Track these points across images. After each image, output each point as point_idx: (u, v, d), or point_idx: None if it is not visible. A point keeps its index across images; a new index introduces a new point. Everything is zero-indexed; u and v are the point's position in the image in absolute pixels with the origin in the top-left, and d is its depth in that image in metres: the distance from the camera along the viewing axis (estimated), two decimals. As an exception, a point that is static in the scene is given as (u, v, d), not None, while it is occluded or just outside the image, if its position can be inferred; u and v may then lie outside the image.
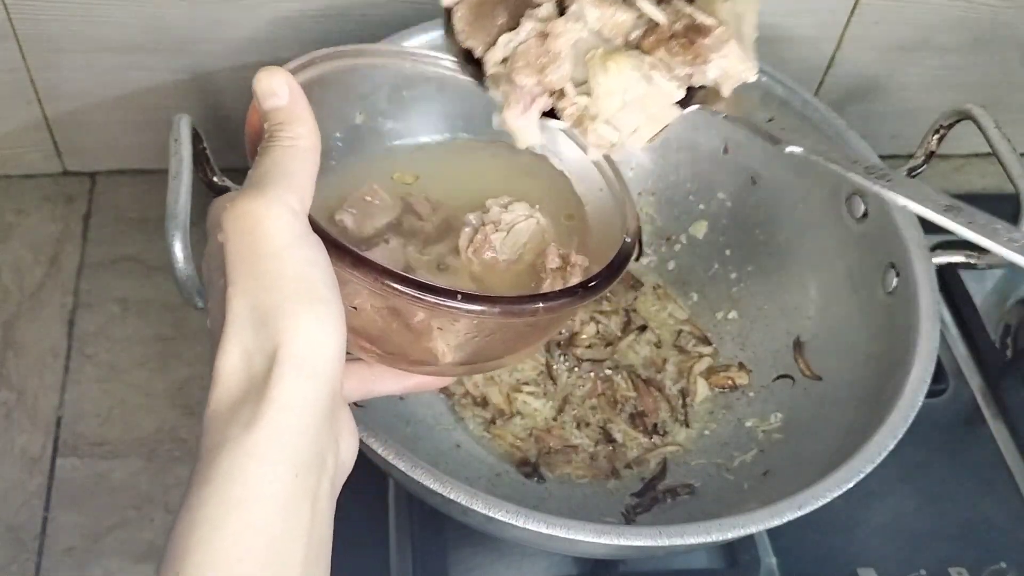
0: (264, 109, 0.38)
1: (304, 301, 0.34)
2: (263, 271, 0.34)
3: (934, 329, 0.58)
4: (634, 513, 0.61)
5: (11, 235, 0.77)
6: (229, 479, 0.32)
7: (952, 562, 0.65)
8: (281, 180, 0.36)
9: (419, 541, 0.62)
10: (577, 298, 0.40)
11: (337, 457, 0.37)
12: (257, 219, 0.35)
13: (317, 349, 0.34)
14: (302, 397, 0.34)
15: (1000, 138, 0.60)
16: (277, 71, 0.38)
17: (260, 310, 0.34)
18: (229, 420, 0.34)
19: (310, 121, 0.38)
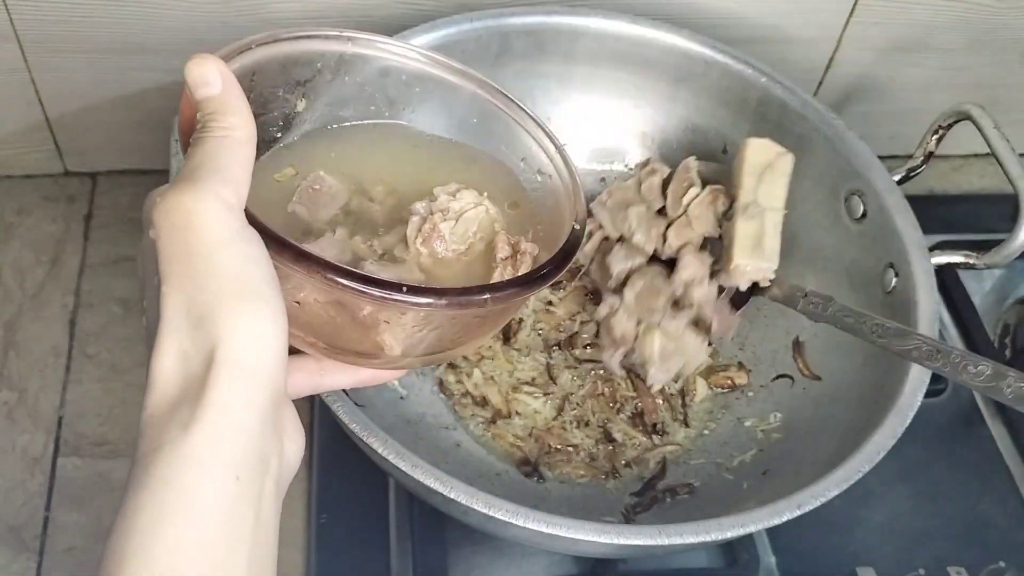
0: (196, 99, 0.37)
1: (241, 299, 0.33)
2: (197, 269, 0.33)
3: (933, 329, 0.58)
4: (634, 512, 0.61)
5: (12, 235, 0.77)
6: (166, 485, 0.31)
7: (951, 561, 0.65)
8: (214, 173, 0.34)
9: (419, 541, 0.62)
10: (526, 287, 0.40)
11: (282, 458, 0.35)
12: (189, 214, 0.33)
13: (256, 348, 0.33)
14: (242, 398, 0.33)
15: (999, 138, 0.61)
16: (209, 59, 0.37)
17: (196, 309, 0.33)
18: (166, 423, 0.32)
19: (244, 111, 0.37)
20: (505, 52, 0.67)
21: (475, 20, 0.65)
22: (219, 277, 0.33)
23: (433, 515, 0.59)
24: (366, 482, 0.64)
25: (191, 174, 0.34)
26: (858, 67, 0.80)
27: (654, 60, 0.69)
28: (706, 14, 0.73)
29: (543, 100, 0.71)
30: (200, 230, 0.33)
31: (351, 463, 0.62)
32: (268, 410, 0.33)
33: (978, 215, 0.83)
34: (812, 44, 0.78)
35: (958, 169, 0.89)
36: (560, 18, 0.67)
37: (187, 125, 0.37)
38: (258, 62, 0.42)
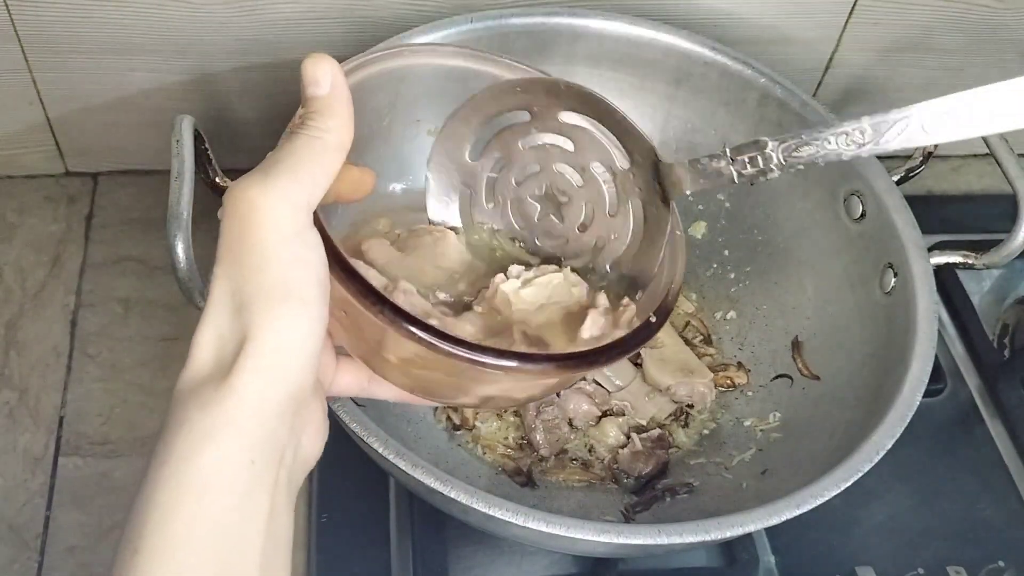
0: (304, 96, 0.37)
1: (281, 300, 0.34)
2: (246, 261, 0.34)
3: (932, 329, 0.58)
4: (633, 512, 0.61)
5: (13, 235, 0.77)
6: (185, 461, 0.32)
7: (950, 561, 0.65)
8: (290, 171, 0.35)
9: (419, 540, 0.62)
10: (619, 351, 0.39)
11: (297, 453, 0.36)
12: (252, 207, 0.34)
13: (283, 350, 0.34)
14: (259, 393, 0.33)
15: (998, 139, 0.61)
16: (324, 60, 0.37)
17: (238, 297, 0.34)
18: (191, 399, 0.33)
19: (344, 117, 0.37)
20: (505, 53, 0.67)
21: (475, 21, 0.65)
22: (265, 273, 0.34)
23: (433, 515, 0.59)
24: (366, 482, 0.64)
25: (269, 167, 0.35)
26: (857, 67, 0.80)
27: (654, 60, 0.69)
28: (706, 14, 0.73)
29: (543, 100, 0.71)
30: (258, 224, 0.34)
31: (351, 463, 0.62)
32: (285, 409, 0.34)
33: (977, 215, 0.83)
34: (811, 44, 0.78)
35: (957, 169, 0.89)
36: (560, 19, 0.67)
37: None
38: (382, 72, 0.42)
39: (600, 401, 0.65)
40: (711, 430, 0.66)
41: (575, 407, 0.65)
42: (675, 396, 0.67)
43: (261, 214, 0.34)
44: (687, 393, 0.66)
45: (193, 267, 0.49)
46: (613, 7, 0.68)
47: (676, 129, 0.72)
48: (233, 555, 0.32)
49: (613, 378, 0.66)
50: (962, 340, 0.76)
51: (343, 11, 0.69)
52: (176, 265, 0.49)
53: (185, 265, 0.49)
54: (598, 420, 0.65)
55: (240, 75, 0.73)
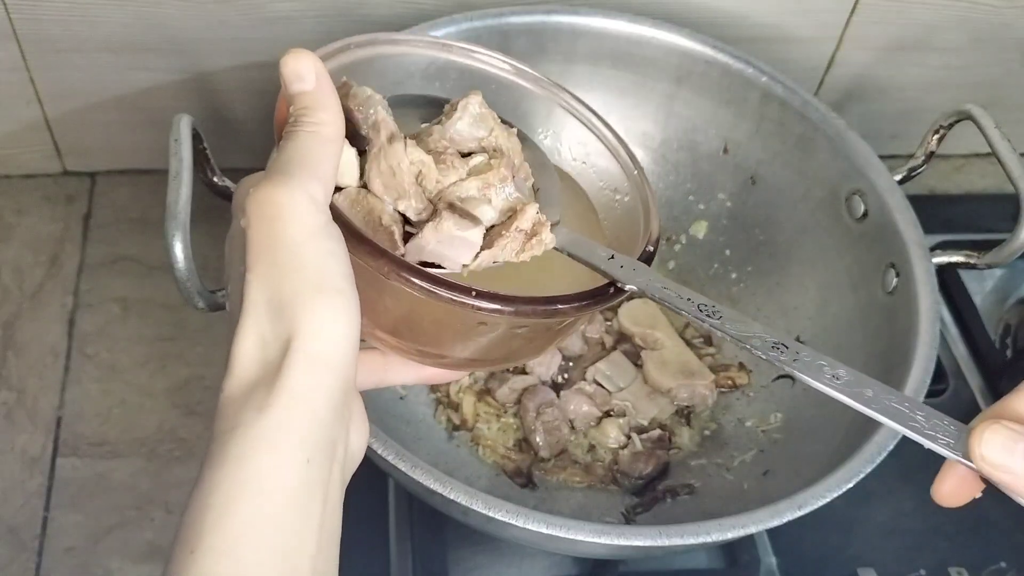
0: (290, 93, 0.37)
1: (320, 292, 0.34)
2: (282, 261, 0.34)
3: (934, 329, 0.58)
4: (634, 513, 0.61)
5: (11, 235, 0.77)
6: (240, 463, 0.33)
7: (952, 562, 0.65)
8: (305, 168, 0.35)
9: (419, 541, 0.62)
10: (599, 301, 0.39)
11: (347, 446, 0.37)
12: (279, 207, 0.34)
13: (331, 340, 0.34)
14: (314, 386, 0.34)
15: (1000, 138, 0.60)
16: (304, 54, 0.38)
17: (277, 299, 0.34)
18: (242, 405, 0.34)
19: (335, 108, 0.37)
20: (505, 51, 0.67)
21: (475, 19, 0.65)
22: (302, 270, 0.34)
23: (433, 515, 0.59)
24: (365, 483, 0.64)
25: (283, 168, 0.35)
26: (859, 67, 0.80)
27: (654, 59, 0.69)
28: (706, 14, 0.73)
29: (543, 99, 0.71)
30: (288, 223, 0.34)
31: (351, 463, 0.62)
32: (338, 400, 0.34)
33: (979, 215, 0.83)
34: (813, 43, 0.77)
35: (959, 169, 0.89)
36: (560, 17, 0.67)
37: (282, 119, 0.38)
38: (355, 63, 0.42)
39: (600, 402, 0.65)
40: (712, 431, 0.66)
41: (575, 408, 0.64)
42: (676, 398, 0.66)
43: (289, 213, 0.34)
44: (688, 395, 0.66)
45: (191, 267, 0.49)
46: (614, 5, 0.68)
47: (677, 128, 0.72)
48: (290, 552, 0.33)
49: (614, 379, 0.66)
50: (964, 340, 0.76)
51: (342, 9, 0.69)
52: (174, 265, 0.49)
53: (183, 265, 0.49)
54: (599, 421, 0.65)
55: (239, 74, 0.73)
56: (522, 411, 0.64)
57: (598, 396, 0.65)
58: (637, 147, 0.73)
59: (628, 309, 0.69)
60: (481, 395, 0.65)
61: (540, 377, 0.66)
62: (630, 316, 0.69)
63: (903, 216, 0.62)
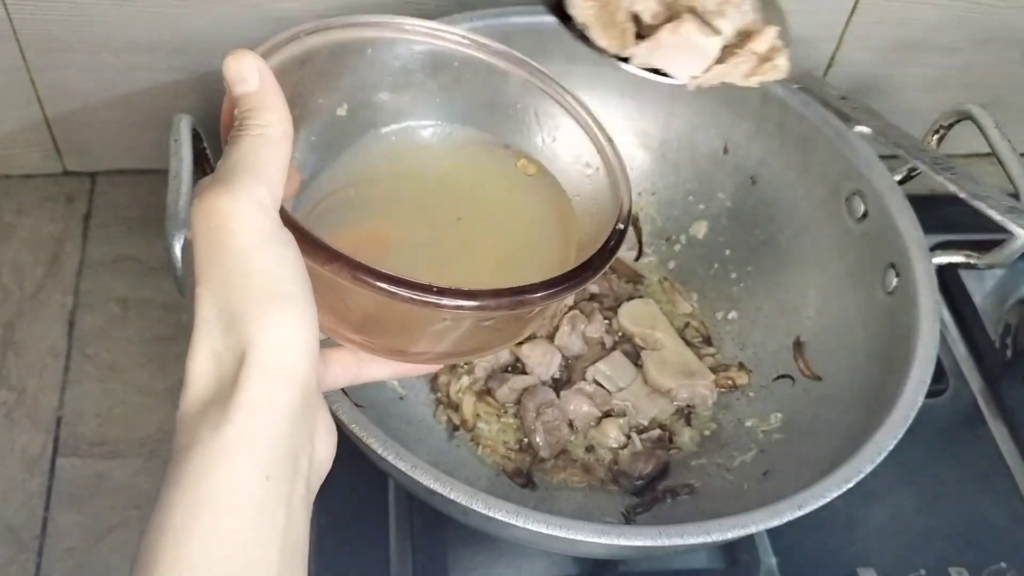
0: (234, 96, 0.37)
1: (272, 302, 0.33)
2: (230, 271, 0.33)
3: (934, 329, 0.58)
4: (634, 513, 0.61)
5: (11, 235, 0.77)
6: (198, 481, 0.32)
7: (952, 562, 0.65)
8: (250, 173, 0.34)
9: (419, 541, 0.62)
10: (568, 287, 0.39)
11: (312, 458, 0.36)
12: (224, 216, 0.33)
13: (286, 351, 0.33)
14: (271, 399, 0.33)
15: (1000, 138, 0.60)
16: (246, 55, 0.37)
17: (228, 311, 0.33)
18: (199, 422, 0.33)
19: (281, 108, 0.36)
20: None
21: (476, 19, 0.65)
22: (251, 280, 0.33)
23: (433, 515, 0.59)
24: (366, 483, 0.64)
25: (227, 175, 0.34)
26: (859, 66, 0.80)
27: (655, 59, 0.69)
28: (707, 13, 0.73)
29: (543, 100, 0.70)
30: (235, 233, 0.33)
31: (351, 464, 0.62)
32: (298, 411, 0.34)
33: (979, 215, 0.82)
34: (813, 43, 0.77)
35: (959, 169, 0.89)
36: (560, 17, 0.67)
37: (228, 122, 0.37)
38: (309, 50, 0.42)
39: (600, 402, 0.65)
40: (712, 431, 0.66)
41: (575, 408, 0.64)
42: (676, 398, 0.66)
43: (235, 222, 0.33)
44: (688, 395, 0.66)
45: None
46: (614, 6, 0.68)
47: (677, 128, 0.72)
48: (252, 570, 0.32)
49: (614, 379, 0.66)
50: (964, 340, 0.76)
51: (343, 9, 0.69)
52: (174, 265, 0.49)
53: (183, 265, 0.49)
54: (598, 421, 0.65)
55: (239, 74, 0.73)
56: (522, 411, 0.64)
57: (598, 396, 0.65)
58: (637, 147, 0.73)
59: (628, 309, 0.69)
60: (481, 395, 0.65)
61: (540, 377, 0.66)
62: (630, 316, 0.69)
63: (903, 216, 0.62)
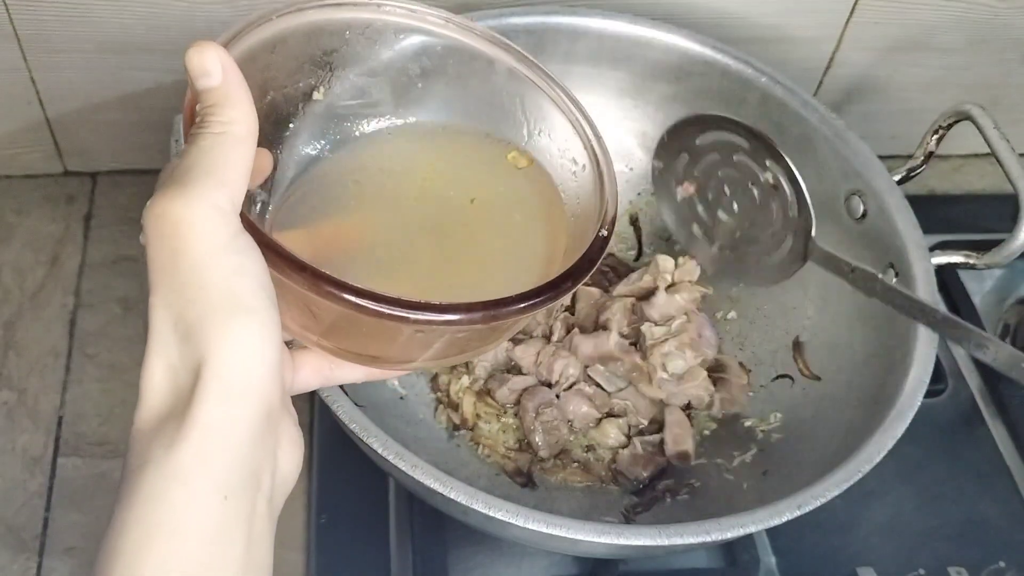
0: (197, 90, 0.34)
1: (229, 314, 0.31)
2: (184, 281, 0.31)
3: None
4: (634, 512, 0.61)
5: (12, 235, 0.77)
6: (151, 504, 0.30)
7: (951, 561, 0.65)
8: (207, 175, 0.32)
9: (419, 541, 0.62)
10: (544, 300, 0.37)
11: (275, 474, 0.34)
12: (177, 222, 0.31)
13: (245, 365, 0.31)
14: (228, 417, 0.31)
15: (999, 138, 0.60)
16: (209, 47, 0.34)
17: (183, 323, 0.31)
18: (152, 440, 0.31)
19: (245, 103, 0.34)
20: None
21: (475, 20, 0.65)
22: (206, 291, 0.31)
23: (433, 515, 0.59)
24: (366, 482, 0.64)
25: (183, 176, 0.32)
26: (858, 67, 0.80)
27: (654, 60, 0.69)
28: (706, 14, 0.73)
29: (543, 100, 0.71)
30: (188, 240, 0.31)
31: (351, 463, 0.62)
32: (258, 427, 0.32)
33: (978, 215, 0.83)
34: (812, 44, 0.78)
35: (958, 169, 0.89)
36: (560, 18, 0.67)
37: (190, 118, 0.35)
38: (281, 33, 0.39)
39: (600, 403, 0.65)
40: (711, 431, 0.66)
41: (574, 409, 0.64)
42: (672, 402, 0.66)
43: (189, 229, 0.31)
44: (683, 403, 0.66)
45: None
46: (613, 6, 0.68)
47: (677, 129, 0.72)
48: None
49: (613, 379, 0.66)
50: (963, 340, 0.76)
51: (343, 10, 0.69)
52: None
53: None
54: (598, 421, 0.65)
55: (239, 74, 0.73)
56: (521, 411, 0.64)
57: (597, 397, 0.65)
58: (636, 148, 0.73)
59: None
60: (481, 395, 0.65)
61: (540, 377, 0.66)
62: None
63: (902, 216, 0.62)
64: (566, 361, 0.65)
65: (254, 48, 0.38)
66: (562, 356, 0.65)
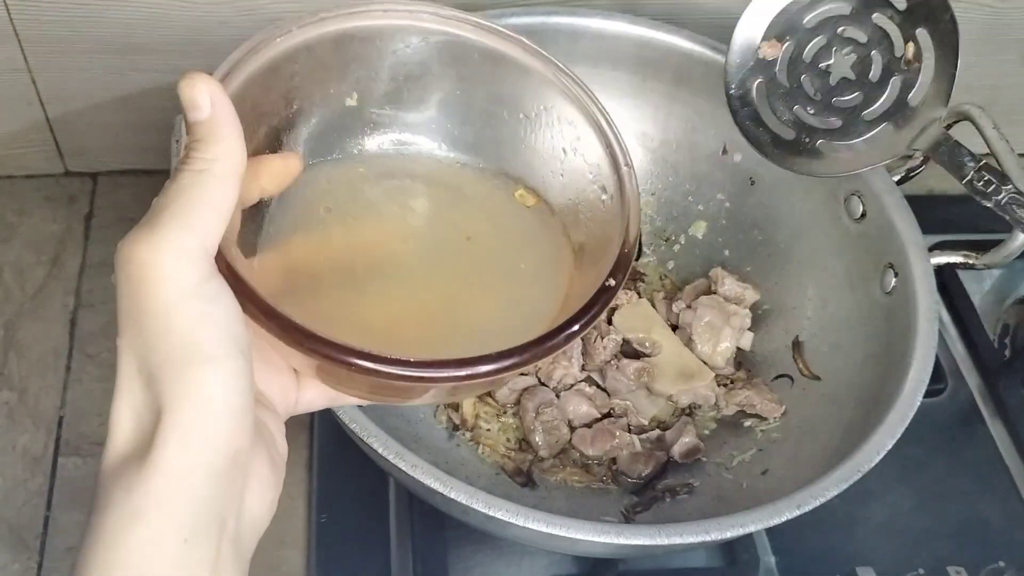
0: (187, 122, 0.33)
1: (190, 364, 0.31)
2: (147, 328, 0.31)
3: (932, 329, 0.58)
4: (633, 512, 0.61)
5: (13, 235, 0.77)
6: (111, 544, 0.30)
7: (950, 561, 0.65)
8: (181, 215, 0.31)
9: (419, 540, 0.62)
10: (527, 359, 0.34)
11: (242, 517, 0.33)
12: (143, 267, 0.30)
13: (205, 414, 0.31)
14: (187, 463, 0.31)
15: (998, 138, 0.60)
16: (199, 79, 0.33)
17: (146, 368, 0.31)
18: (115, 481, 0.31)
19: (232, 139, 0.33)
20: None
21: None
22: (168, 338, 0.31)
23: (433, 515, 0.59)
24: (366, 482, 0.64)
25: (155, 217, 0.31)
26: (858, 67, 0.80)
27: (654, 60, 0.69)
28: (706, 14, 0.73)
29: (543, 100, 0.71)
30: (153, 286, 0.31)
31: (351, 463, 0.62)
32: (220, 472, 0.32)
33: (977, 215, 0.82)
34: (812, 44, 0.77)
35: (958, 169, 0.89)
36: (560, 18, 0.67)
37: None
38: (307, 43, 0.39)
39: (600, 404, 0.65)
40: (711, 430, 0.66)
41: (574, 409, 0.64)
42: (679, 404, 0.66)
43: (154, 274, 0.31)
44: (690, 399, 0.66)
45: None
46: (613, 6, 0.68)
47: (677, 129, 0.72)
48: None
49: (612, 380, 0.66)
50: (963, 340, 0.76)
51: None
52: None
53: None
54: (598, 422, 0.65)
55: (240, 75, 0.73)
56: (521, 411, 0.64)
57: (597, 397, 0.65)
58: (636, 147, 0.73)
59: (622, 315, 0.69)
60: (481, 395, 0.65)
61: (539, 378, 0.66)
62: (625, 323, 0.68)
63: (902, 216, 0.62)
64: (565, 371, 0.65)
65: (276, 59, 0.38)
66: (561, 364, 0.65)
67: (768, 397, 0.65)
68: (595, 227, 0.41)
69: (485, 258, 0.42)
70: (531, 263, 0.42)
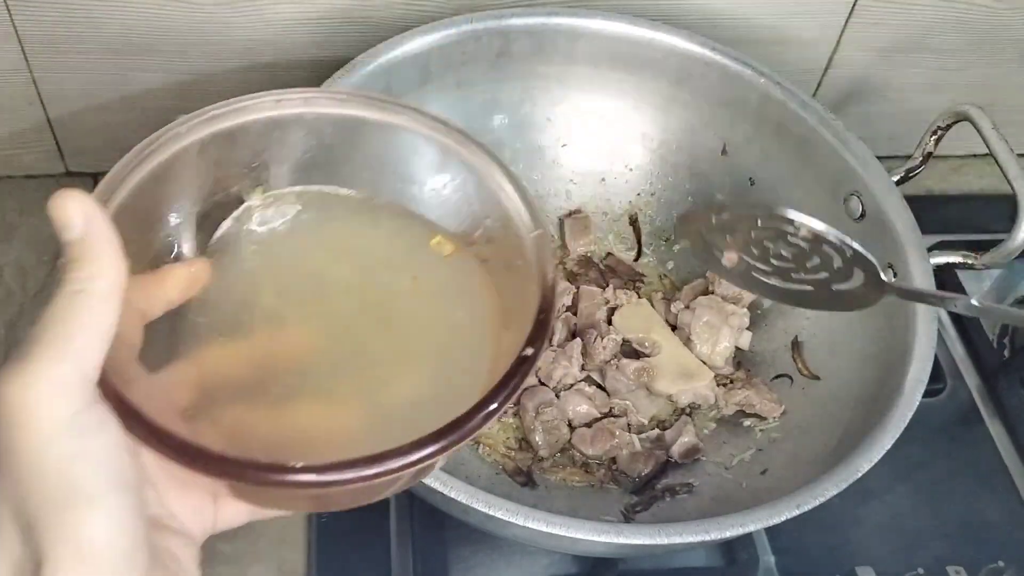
0: (61, 243, 0.31)
1: (67, 508, 0.28)
2: (20, 472, 0.29)
3: (932, 329, 0.58)
4: (633, 511, 0.61)
5: (14, 235, 0.77)
6: None
7: (950, 561, 0.65)
8: (54, 344, 0.29)
9: (419, 540, 0.62)
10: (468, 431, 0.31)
11: None
12: (12, 407, 0.28)
13: (89, 560, 0.29)
14: None
15: (997, 139, 0.61)
16: (70, 197, 0.31)
17: (23, 517, 0.29)
18: None
19: (108, 254, 0.31)
20: (505, 53, 0.67)
21: (475, 21, 0.65)
22: (43, 480, 0.28)
23: (433, 515, 0.59)
24: (367, 481, 0.64)
25: (26, 350, 0.29)
26: (857, 68, 0.80)
27: (654, 61, 0.69)
28: (706, 14, 0.73)
29: (543, 101, 0.71)
30: (23, 427, 0.28)
31: (351, 462, 0.62)
32: None
33: (976, 215, 0.83)
34: (811, 45, 0.78)
35: (957, 170, 0.89)
36: (560, 19, 0.67)
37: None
38: (200, 141, 0.37)
39: (600, 403, 0.65)
40: (711, 430, 0.66)
41: (574, 408, 0.65)
42: (679, 404, 0.66)
43: (24, 413, 0.28)
44: (690, 398, 0.66)
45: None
46: (613, 7, 0.68)
47: (676, 129, 0.72)
48: None
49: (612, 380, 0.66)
50: (962, 340, 0.76)
51: (343, 11, 0.69)
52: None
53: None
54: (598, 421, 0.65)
55: (241, 76, 0.73)
56: (521, 410, 0.64)
57: (597, 397, 0.66)
58: (636, 148, 0.73)
59: (622, 315, 0.69)
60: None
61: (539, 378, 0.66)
62: (624, 323, 0.69)
63: (901, 217, 0.63)
64: (565, 371, 0.65)
65: (168, 162, 0.36)
66: (562, 364, 0.65)
67: (767, 397, 0.65)
68: (514, 283, 0.37)
69: (407, 328, 0.39)
70: (455, 322, 0.39)
